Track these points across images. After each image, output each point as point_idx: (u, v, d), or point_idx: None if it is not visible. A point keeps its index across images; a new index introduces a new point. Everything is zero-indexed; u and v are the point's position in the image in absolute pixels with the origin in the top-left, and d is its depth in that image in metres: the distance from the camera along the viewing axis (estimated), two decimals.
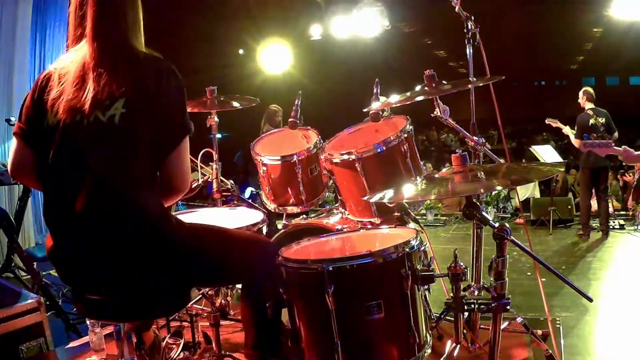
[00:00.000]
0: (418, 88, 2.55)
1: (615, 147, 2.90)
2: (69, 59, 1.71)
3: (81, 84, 1.64)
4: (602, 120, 6.45)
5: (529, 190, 8.97)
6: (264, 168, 2.95)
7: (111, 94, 1.62)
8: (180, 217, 2.19)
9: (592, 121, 6.46)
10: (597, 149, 3.00)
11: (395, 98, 2.62)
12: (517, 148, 14.32)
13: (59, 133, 1.62)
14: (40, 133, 1.66)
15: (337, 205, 2.97)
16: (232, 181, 3.37)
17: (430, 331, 2.29)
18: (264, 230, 2.80)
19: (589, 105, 6.56)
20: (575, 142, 6.70)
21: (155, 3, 1.88)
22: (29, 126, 1.70)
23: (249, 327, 2.12)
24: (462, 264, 2.00)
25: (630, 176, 8.88)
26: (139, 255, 1.67)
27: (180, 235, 1.76)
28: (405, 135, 2.61)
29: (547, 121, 7.15)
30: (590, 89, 6.67)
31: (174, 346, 2.63)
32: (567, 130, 6.88)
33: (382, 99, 2.81)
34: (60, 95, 1.64)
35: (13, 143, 1.75)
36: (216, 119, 3.30)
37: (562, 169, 1.96)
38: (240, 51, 11.52)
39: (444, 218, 8.24)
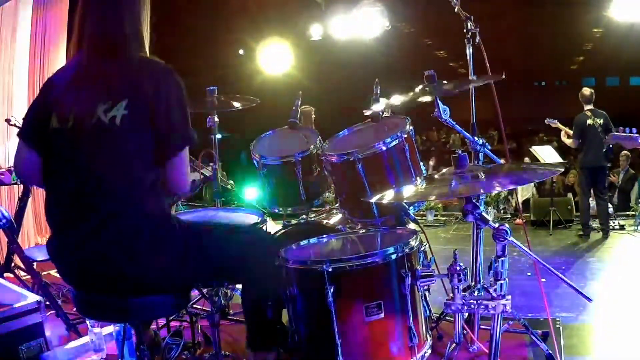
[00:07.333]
0: (418, 88, 2.55)
1: None
2: (71, 65, 1.76)
3: (82, 88, 1.68)
4: (600, 120, 6.45)
5: (529, 191, 8.95)
6: (265, 169, 2.95)
7: (112, 97, 1.65)
8: (181, 217, 2.20)
9: (589, 122, 6.46)
10: (623, 142, 3.02)
11: (395, 98, 2.62)
12: (517, 148, 14.32)
13: (63, 135, 1.67)
14: (45, 136, 1.71)
15: (337, 205, 2.97)
16: (232, 181, 3.37)
17: (430, 331, 2.30)
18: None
19: (587, 107, 6.56)
20: (569, 142, 6.72)
21: (155, 4, 1.88)
22: (33, 129, 1.75)
23: (248, 326, 2.13)
24: (461, 264, 2.00)
25: (615, 176, 8.86)
26: (139, 255, 1.68)
27: (181, 235, 1.78)
28: (405, 135, 2.61)
29: (546, 121, 7.15)
30: (586, 91, 6.66)
31: (174, 346, 2.63)
32: (565, 131, 6.88)
33: (382, 99, 2.81)
34: (63, 99, 1.69)
35: (17, 146, 1.77)
36: (216, 119, 3.30)
37: (562, 169, 1.95)
38: (241, 51, 11.53)
39: (444, 218, 8.23)
